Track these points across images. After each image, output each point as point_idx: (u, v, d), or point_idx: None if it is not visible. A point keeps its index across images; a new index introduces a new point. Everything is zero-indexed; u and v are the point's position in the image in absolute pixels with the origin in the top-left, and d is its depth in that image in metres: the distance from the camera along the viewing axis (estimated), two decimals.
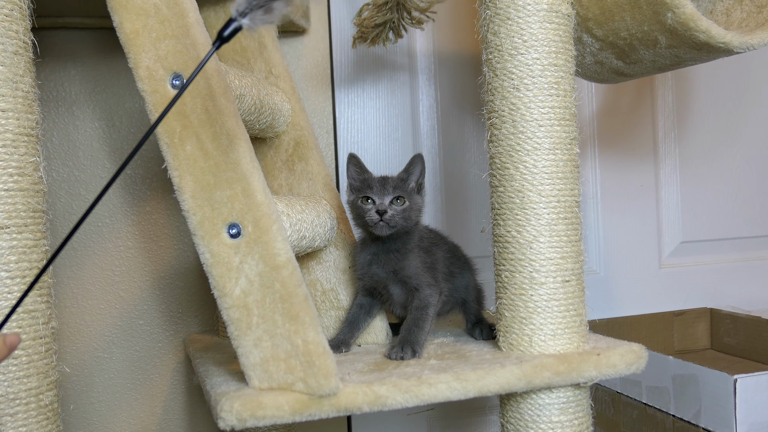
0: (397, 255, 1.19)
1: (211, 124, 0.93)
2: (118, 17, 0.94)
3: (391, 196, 1.17)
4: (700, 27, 1.08)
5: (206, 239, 0.93)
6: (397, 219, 1.16)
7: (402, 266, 1.18)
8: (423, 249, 1.22)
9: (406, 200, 1.17)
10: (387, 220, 1.15)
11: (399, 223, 1.16)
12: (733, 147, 1.96)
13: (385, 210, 1.15)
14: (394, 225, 1.16)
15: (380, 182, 1.18)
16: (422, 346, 1.13)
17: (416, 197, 1.20)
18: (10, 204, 0.89)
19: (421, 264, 1.19)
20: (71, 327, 1.52)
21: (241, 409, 0.90)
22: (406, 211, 1.17)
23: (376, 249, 1.19)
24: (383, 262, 1.19)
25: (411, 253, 1.19)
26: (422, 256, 1.20)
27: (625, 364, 1.07)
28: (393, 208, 1.16)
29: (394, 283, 1.19)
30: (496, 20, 1.08)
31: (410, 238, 1.20)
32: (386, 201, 1.16)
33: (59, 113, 1.51)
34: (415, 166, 1.21)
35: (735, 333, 1.82)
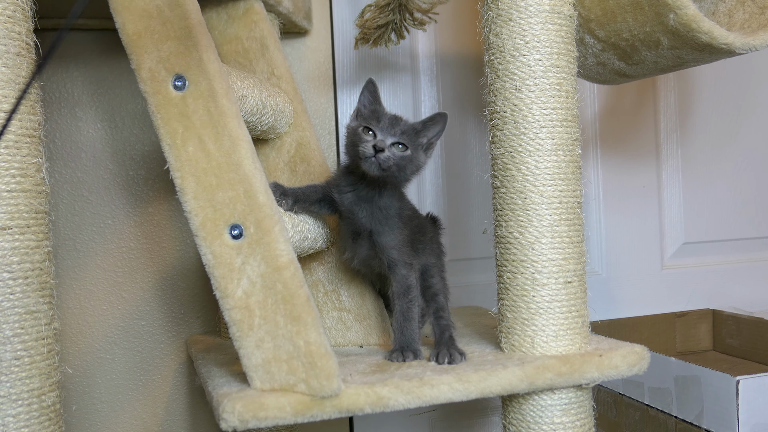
0: (379, 213, 1.12)
1: (213, 126, 0.93)
2: (121, 19, 0.94)
3: (395, 138, 1.09)
4: (702, 28, 1.08)
5: (208, 240, 0.93)
6: (391, 164, 1.08)
7: (381, 231, 1.12)
8: (403, 219, 1.15)
9: (410, 150, 1.10)
10: (381, 160, 1.07)
11: (392, 169, 1.08)
12: (735, 148, 1.96)
13: (383, 149, 1.07)
14: (386, 168, 1.08)
15: (390, 120, 1.11)
16: (419, 340, 1.12)
17: (421, 154, 1.13)
18: (13, 205, 0.89)
19: (401, 238, 1.13)
20: (73, 328, 1.52)
21: (243, 410, 0.90)
22: (404, 161, 1.09)
23: (360, 193, 1.13)
24: (365, 212, 1.13)
25: (393, 220, 1.13)
26: (401, 228, 1.14)
27: (628, 366, 1.07)
28: (392, 150, 1.08)
29: (365, 238, 1.13)
30: (498, 21, 1.08)
31: (395, 197, 1.14)
32: (388, 141, 1.08)
33: (62, 114, 1.51)
34: (435, 124, 1.13)
35: (737, 334, 1.82)
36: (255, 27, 1.32)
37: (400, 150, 1.09)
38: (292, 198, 1.11)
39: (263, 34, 1.32)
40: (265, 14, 1.34)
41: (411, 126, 1.12)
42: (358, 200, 1.13)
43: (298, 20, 1.51)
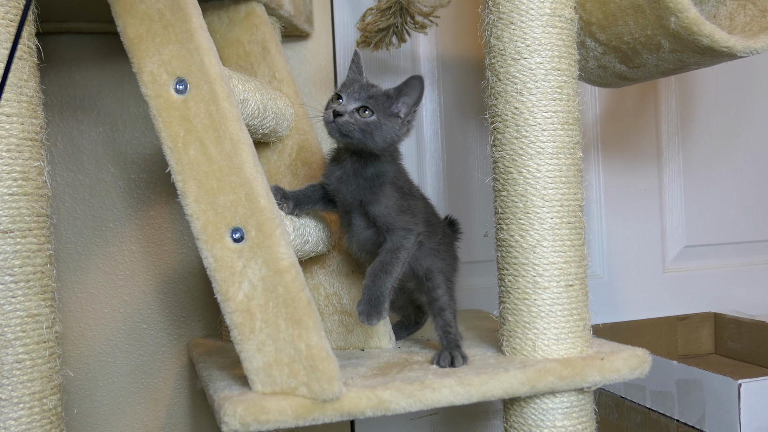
0: (366, 183, 1.09)
1: (215, 129, 0.93)
2: (122, 22, 0.94)
3: (359, 102, 1.05)
4: (703, 31, 1.08)
5: (209, 243, 0.93)
6: (351, 128, 1.04)
7: (371, 200, 1.08)
8: (398, 188, 1.11)
9: (375, 115, 1.05)
10: (339, 124, 1.04)
11: (355, 134, 1.04)
12: (736, 151, 1.96)
13: (343, 113, 1.04)
14: (346, 133, 1.04)
15: (361, 86, 1.07)
16: (387, 299, 1.04)
17: (393, 120, 1.08)
18: (14, 208, 0.89)
19: (394, 204, 1.09)
20: (75, 331, 1.52)
21: (245, 413, 0.90)
22: (369, 126, 1.04)
23: (346, 167, 1.10)
24: (352, 185, 1.09)
25: (384, 188, 1.09)
26: (396, 196, 1.10)
27: (629, 369, 1.07)
28: (354, 116, 1.04)
29: (359, 214, 1.10)
30: (499, 25, 1.09)
31: (382, 166, 1.10)
32: (350, 106, 1.05)
33: (63, 118, 1.51)
34: (409, 88, 1.07)
35: (739, 337, 1.81)
36: (256, 30, 1.32)
37: (364, 115, 1.05)
38: (293, 201, 1.10)
39: (265, 38, 1.32)
40: (266, 18, 1.34)
41: (383, 92, 1.08)
42: (345, 175, 1.10)
43: (300, 24, 1.51)
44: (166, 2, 0.94)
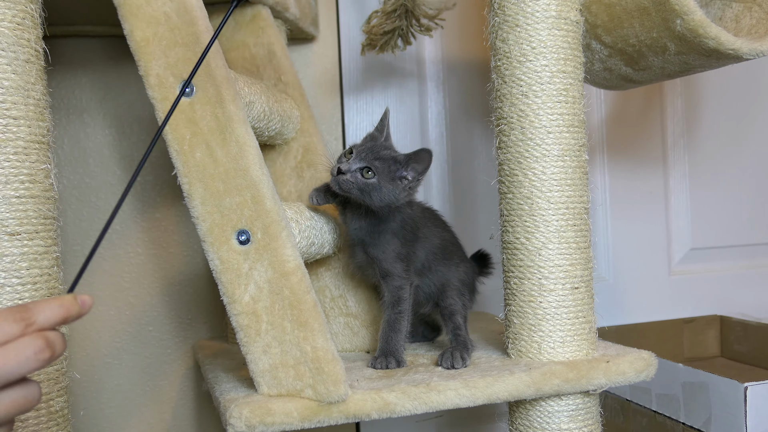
0: (368, 227, 1.13)
1: (221, 131, 0.93)
2: (129, 25, 0.94)
3: (363, 163, 1.08)
4: (709, 34, 1.08)
5: (216, 246, 0.94)
6: (350, 187, 1.07)
7: (370, 243, 1.13)
8: (402, 238, 1.14)
9: (377, 179, 1.08)
10: (340, 182, 1.07)
11: (352, 192, 1.08)
12: (743, 153, 1.95)
13: (344, 172, 1.07)
14: (347, 191, 1.08)
15: (372, 147, 1.10)
16: (403, 351, 1.11)
17: (394, 184, 1.10)
18: (22, 211, 0.90)
19: (393, 253, 1.13)
20: (81, 333, 1.52)
21: (250, 415, 0.90)
22: (368, 187, 1.07)
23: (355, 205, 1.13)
24: (356, 223, 1.14)
25: (384, 236, 1.13)
26: (396, 244, 1.13)
27: (635, 372, 1.07)
28: (355, 176, 1.07)
29: (361, 249, 1.15)
30: (505, 27, 1.09)
31: (385, 219, 1.13)
32: (354, 165, 1.08)
33: (70, 121, 1.52)
34: (419, 159, 1.10)
35: (745, 340, 1.81)
36: (262, 33, 1.33)
37: (368, 176, 1.08)
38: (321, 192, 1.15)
39: (270, 41, 1.33)
40: (272, 21, 1.35)
41: (392, 156, 1.11)
42: (352, 209, 1.14)
43: (305, 26, 1.52)
44: (172, 5, 0.94)
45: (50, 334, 0.67)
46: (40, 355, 0.65)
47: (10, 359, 0.64)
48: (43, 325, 0.67)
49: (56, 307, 0.68)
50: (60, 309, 0.68)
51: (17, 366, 0.64)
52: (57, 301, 0.69)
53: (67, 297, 0.70)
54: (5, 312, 0.65)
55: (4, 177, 0.88)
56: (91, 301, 0.72)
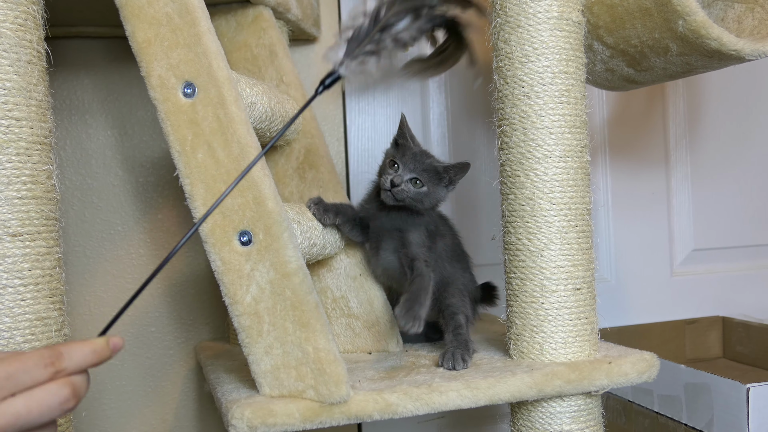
0: (404, 220, 1.19)
1: (223, 132, 0.93)
2: (131, 26, 0.95)
3: (413, 174, 1.16)
4: (711, 34, 1.08)
5: (217, 247, 0.94)
6: (405, 197, 1.15)
7: (409, 230, 1.19)
8: (429, 232, 1.21)
9: (425, 186, 1.16)
10: (395, 192, 1.15)
11: (407, 201, 1.16)
12: (745, 154, 1.95)
13: (399, 184, 1.14)
14: (401, 200, 1.16)
15: (414, 156, 1.18)
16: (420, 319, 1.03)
17: (441, 189, 1.19)
18: (24, 212, 0.90)
19: (422, 241, 1.19)
20: (84, 334, 1.52)
21: (252, 416, 0.90)
22: (419, 195, 1.16)
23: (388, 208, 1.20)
24: (391, 217, 1.20)
25: (419, 227, 1.20)
26: (424, 236, 1.20)
27: (637, 373, 1.06)
28: (408, 185, 1.15)
29: (391, 239, 1.19)
30: (507, 28, 1.09)
31: (420, 216, 1.20)
32: (406, 176, 1.15)
33: (72, 122, 1.52)
34: (458, 171, 1.19)
35: (748, 341, 1.81)
36: (264, 34, 1.33)
37: (417, 186, 1.16)
38: (332, 212, 1.17)
39: (272, 42, 1.33)
40: (273, 21, 1.35)
41: (433, 166, 1.18)
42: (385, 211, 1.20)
43: (307, 27, 1.52)
44: (174, 6, 0.94)
45: (77, 380, 0.67)
46: (65, 405, 0.65)
47: (34, 408, 0.63)
48: (73, 371, 0.67)
49: (89, 352, 0.68)
50: (92, 355, 0.69)
51: (40, 415, 0.64)
52: (89, 346, 0.68)
53: (99, 341, 0.70)
54: (36, 355, 0.65)
55: (6, 178, 0.88)
56: (122, 343, 0.72)
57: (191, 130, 0.94)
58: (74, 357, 0.67)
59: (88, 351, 0.68)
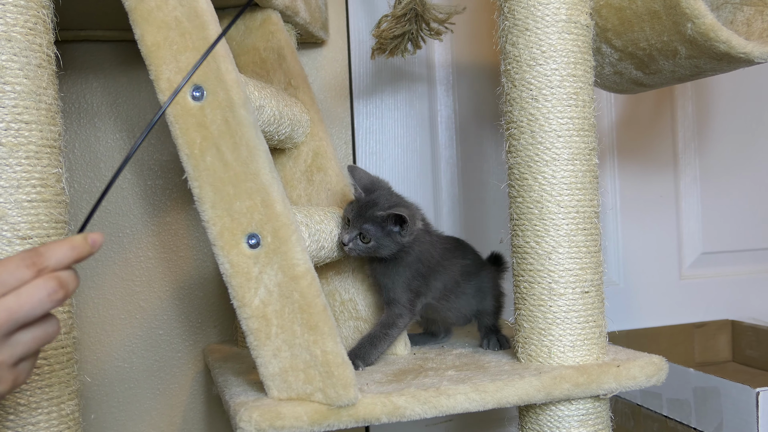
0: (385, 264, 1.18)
1: (231, 135, 0.94)
2: (140, 30, 0.95)
3: (356, 231, 1.14)
4: (720, 37, 1.07)
5: (226, 249, 0.94)
6: (358, 253, 1.15)
7: (384, 273, 1.18)
8: (416, 270, 1.18)
9: (372, 240, 1.13)
10: (347, 251, 1.15)
11: (362, 255, 1.16)
12: (754, 157, 1.95)
13: (348, 243, 1.13)
14: (356, 256, 1.17)
15: (358, 211, 1.15)
16: (369, 363, 1.14)
17: (390, 239, 1.14)
18: (33, 215, 0.90)
19: (404, 283, 1.17)
20: (92, 337, 1.53)
21: (260, 419, 0.90)
22: (369, 250, 1.14)
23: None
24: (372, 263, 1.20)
25: (398, 268, 1.17)
26: (407, 276, 1.17)
27: (646, 376, 1.06)
28: (357, 244, 1.14)
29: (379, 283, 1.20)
30: (515, 31, 1.09)
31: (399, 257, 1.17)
32: (351, 234, 1.14)
33: (81, 125, 1.53)
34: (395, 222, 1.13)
35: (757, 345, 1.80)
36: (272, 37, 1.33)
37: (364, 241, 1.14)
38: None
39: (280, 45, 1.33)
40: (282, 25, 1.35)
41: (374, 216, 1.13)
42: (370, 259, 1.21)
43: (315, 30, 1.52)
44: (183, 10, 0.94)
45: (62, 274, 0.70)
46: (54, 296, 0.69)
47: (24, 302, 0.68)
48: (56, 267, 0.70)
49: (67, 249, 0.71)
50: (71, 251, 0.71)
51: (32, 308, 0.68)
52: (68, 243, 0.71)
53: (77, 237, 0.72)
54: (17, 257, 0.69)
55: (16, 181, 0.89)
56: (101, 238, 0.74)
57: (200, 133, 0.94)
58: (55, 255, 0.70)
59: (67, 248, 0.71)
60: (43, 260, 0.69)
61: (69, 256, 0.71)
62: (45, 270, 0.69)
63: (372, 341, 1.16)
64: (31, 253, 0.69)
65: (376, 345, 1.16)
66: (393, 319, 1.17)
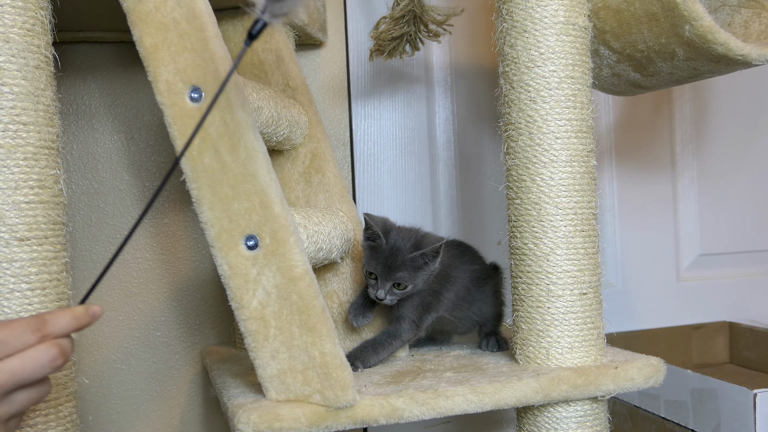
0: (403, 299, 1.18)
1: (229, 137, 0.94)
2: (138, 31, 0.95)
3: (391, 282, 1.13)
4: (718, 39, 1.07)
5: (224, 251, 0.94)
6: (396, 299, 1.15)
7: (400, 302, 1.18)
8: (429, 287, 1.18)
9: (409, 284, 1.14)
10: (386, 303, 1.15)
11: (400, 298, 1.16)
12: (751, 159, 1.95)
13: (384, 297, 1.13)
14: (393, 304, 1.17)
15: (386, 262, 1.13)
16: (368, 366, 1.15)
17: (424, 273, 1.15)
18: (31, 216, 0.90)
19: (416, 300, 1.18)
20: (90, 338, 1.53)
21: (258, 420, 0.90)
22: (406, 293, 1.15)
23: None
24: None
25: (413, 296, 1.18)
26: (423, 296, 1.19)
27: (643, 378, 1.06)
28: (393, 292, 1.14)
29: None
30: (513, 33, 1.09)
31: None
32: (386, 287, 1.14)
33: (79, 126, 1.53)
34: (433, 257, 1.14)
35: (755, 347, 1.80)
36: (270, 39, 1.33)
37: (401, 288, 1.14)
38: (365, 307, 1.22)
39: (279, 46, 1.33)
40: (280, 26, 1.35)
41: (408, 260, 1.13)
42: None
43: (314, 32, 1.52)
44: (181, 11, 0.94)
45: (63, 341, 0.75)
46: (54, 363, 0.73)
47: (27, 366, 0.72)
48: (57, 334, 0.74)
49: (70, 318, 0.76)
50: (73, 321, 0.76)
51: (33, 372, 0.72)
52: (70, 313, 0.76)
53: (79, 308, 0.77)
54: (24, 322, 0.73)
55: (14, 182, 0.88)
56: (100, 310, 0.79)
57: (198, 134, 0.94)
58: (58, 323, 0.75)
59: (69, 317, 0.76)
60: (47, 327, 0.74)
61: (71, 325, 0.76)
62: (48, 336, 0.73)
63: (374, 347, 1.16)
64: (37, 319, 0.74)
65: (378, 351, 1.16)
66: (399, 333, 1.18)
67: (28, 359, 0.72)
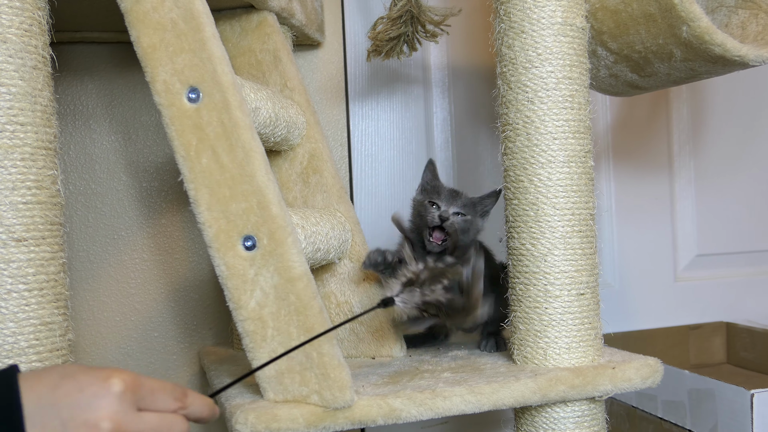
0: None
1: (227, 137, 0.94)
2: (136, 32, 0.95)
3: (456, 209, 1.20)
4: (715, 40, 1.08)
5: (221, 251, 0.94)
6: (455, 228, 1.18)
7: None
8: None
9: (469, 216, 1.21)
10: (447, 226, 1.17)
11: (456, 235, 1.18)
12: (749, 160, 1.95)
13: (448, 218, 1.18)
14: (452, 233, 1.17)
15: (450, 193, 1.23)
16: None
17: (479, 219, 1.25)
18: (28, 217, 0.90)
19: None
20: (87, 339, 1.52)
21: (256, 421, 0.90)
22: (466, 224, 1.20)
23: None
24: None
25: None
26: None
27: (641, 378, 1.06)
28: (455, 218, 1.19)
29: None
30: (510, 34, 1.09)
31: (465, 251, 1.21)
32: (451, 210, 1.19)
33: (76, 127, 1.52)
34: (490, 199, 1.25)
35: (752, 347, 1.80)
36: (268, 39, 1.33)
37: (461, 218, 1.20)
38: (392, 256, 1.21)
39: (276, 47, 1.33)
40: (278, 27, 1.35)
41: (469, 199, 1.24)
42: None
43: (311, 33, 1.52)
44: (179, 12, 0.94)
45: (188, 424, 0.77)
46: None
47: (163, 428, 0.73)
48: (189, 414, 0.76)
49: (205, 406, 0.78)
50: (208, 409, 0.79)
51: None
52: (209, 404, 0.79)
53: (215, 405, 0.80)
54: (171, 387, 0.75)
55: (11, 183, 0.88)
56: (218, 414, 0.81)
57: (196, 135, 0.94)
58: (196, 405, 0.77)
59: (206, 405, 0.78)
60: (187, 402, 0.76)
61: (204, 413, 0.78)
62: (183, 410, 0.75)
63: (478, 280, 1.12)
64: (181, 390, 0.76)
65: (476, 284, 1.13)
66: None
67: (166, 423, 0.73)
